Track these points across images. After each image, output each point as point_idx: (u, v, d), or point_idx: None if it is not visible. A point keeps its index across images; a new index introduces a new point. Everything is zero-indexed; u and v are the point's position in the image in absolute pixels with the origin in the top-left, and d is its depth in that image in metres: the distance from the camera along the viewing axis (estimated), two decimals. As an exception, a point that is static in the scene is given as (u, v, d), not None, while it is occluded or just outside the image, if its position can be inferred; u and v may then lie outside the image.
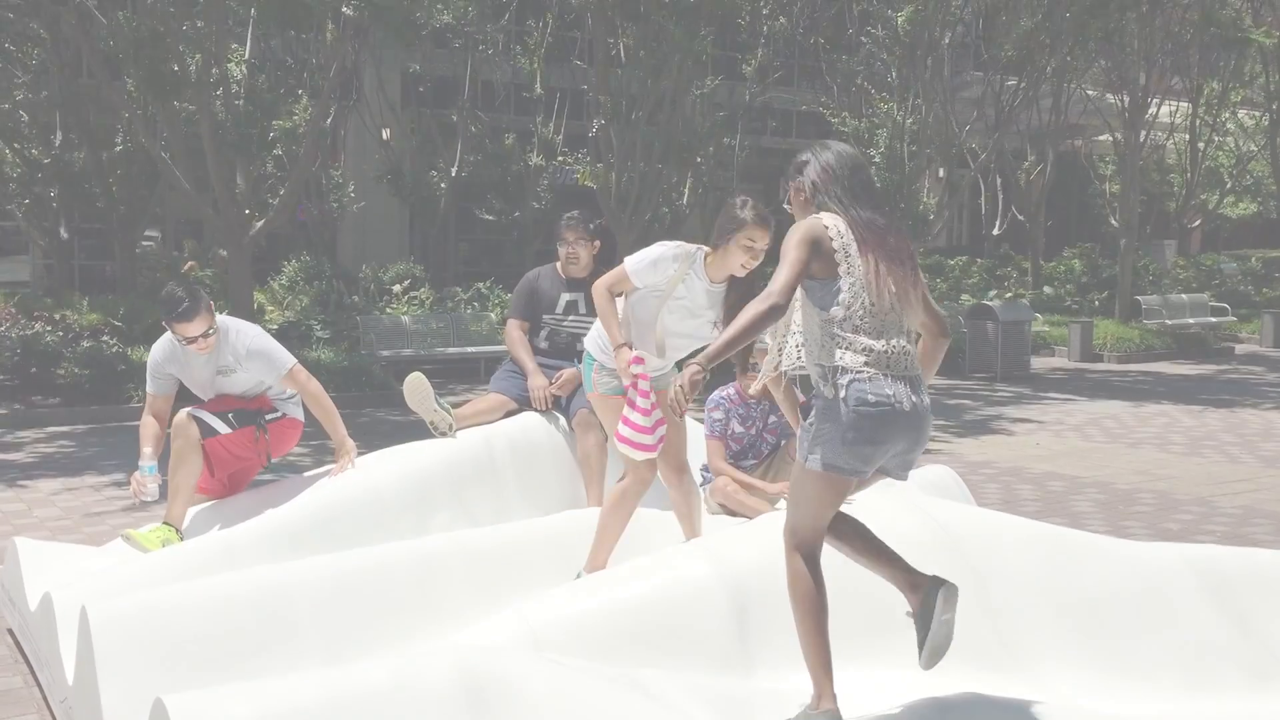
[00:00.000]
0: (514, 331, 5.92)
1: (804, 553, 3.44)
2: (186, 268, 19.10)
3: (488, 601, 4.19)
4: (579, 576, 4.41)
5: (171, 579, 4.17)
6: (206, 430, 5.13)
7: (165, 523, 5.08)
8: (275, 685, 2.83)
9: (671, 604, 3.86)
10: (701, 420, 5.70)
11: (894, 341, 3.41)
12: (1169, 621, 3.95)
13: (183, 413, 5.16)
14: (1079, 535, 4.35)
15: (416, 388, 5.51)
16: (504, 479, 5.24)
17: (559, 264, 5.95)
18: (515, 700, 2.86)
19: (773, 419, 5.67)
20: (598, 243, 5.89)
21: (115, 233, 17.73)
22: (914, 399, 3.38)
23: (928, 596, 3.43)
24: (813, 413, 3.42)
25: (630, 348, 4.45)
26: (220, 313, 5.35)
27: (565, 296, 5.89)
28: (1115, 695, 3.80)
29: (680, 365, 4.32)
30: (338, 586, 3.99)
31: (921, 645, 3.44)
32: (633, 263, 4.51)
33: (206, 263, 19.61)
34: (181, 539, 5.00)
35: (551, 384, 5.68)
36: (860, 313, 3.38)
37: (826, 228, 3.45)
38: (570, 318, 5.88)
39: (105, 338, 13.15)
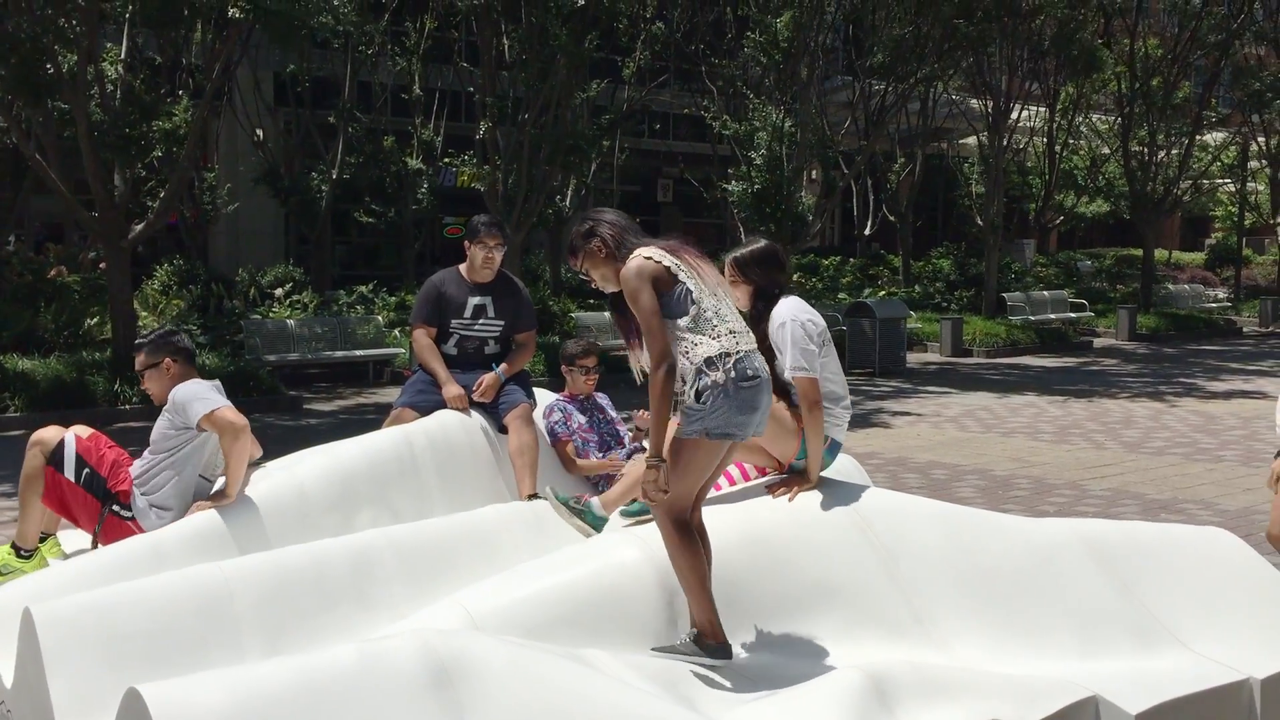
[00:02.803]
0: (422, 339, 5.79)
1: (675, 518, 3.85)
2: (53, 273, 18.50)
3: (422, 593, 4.30)
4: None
5: (104, 580, 4.16)
6: (55, 460, 4.86)
7: (12, 544, 4.90)
8: (247, 671, 2.91)
9: (605, 588, 4.02)
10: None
11: (741, 322, 3.91)
12: (1061, 590, 4.26)
13: (57, 429, 4.93)
14: (978, 513, 4.64)
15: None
16: (425, 476, 5.31)
17: (463, 267, 5.85)
18: (477, 677, 3.00)
19: (601, 399, 5.99)
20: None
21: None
22: (766, 368, 3.94)
23: (708, 650, 3.83)
24: (699, 398, 3.78)
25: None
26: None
27: (473, 300, 5.80)
28: (1015, 658, 4.10)
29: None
30: (276, 582, 4.04)
31: (665, 650, 3.86)
32: None
33: (74, 268, 19.02)
34: (61, 550, 4.94)
35: (475, 392, 5.64)
36: (710, 306, 3.84)
37: (648, 256, 3.86)
38: (479, 321, 5.81)
39: (-26, 345, 12.72)
